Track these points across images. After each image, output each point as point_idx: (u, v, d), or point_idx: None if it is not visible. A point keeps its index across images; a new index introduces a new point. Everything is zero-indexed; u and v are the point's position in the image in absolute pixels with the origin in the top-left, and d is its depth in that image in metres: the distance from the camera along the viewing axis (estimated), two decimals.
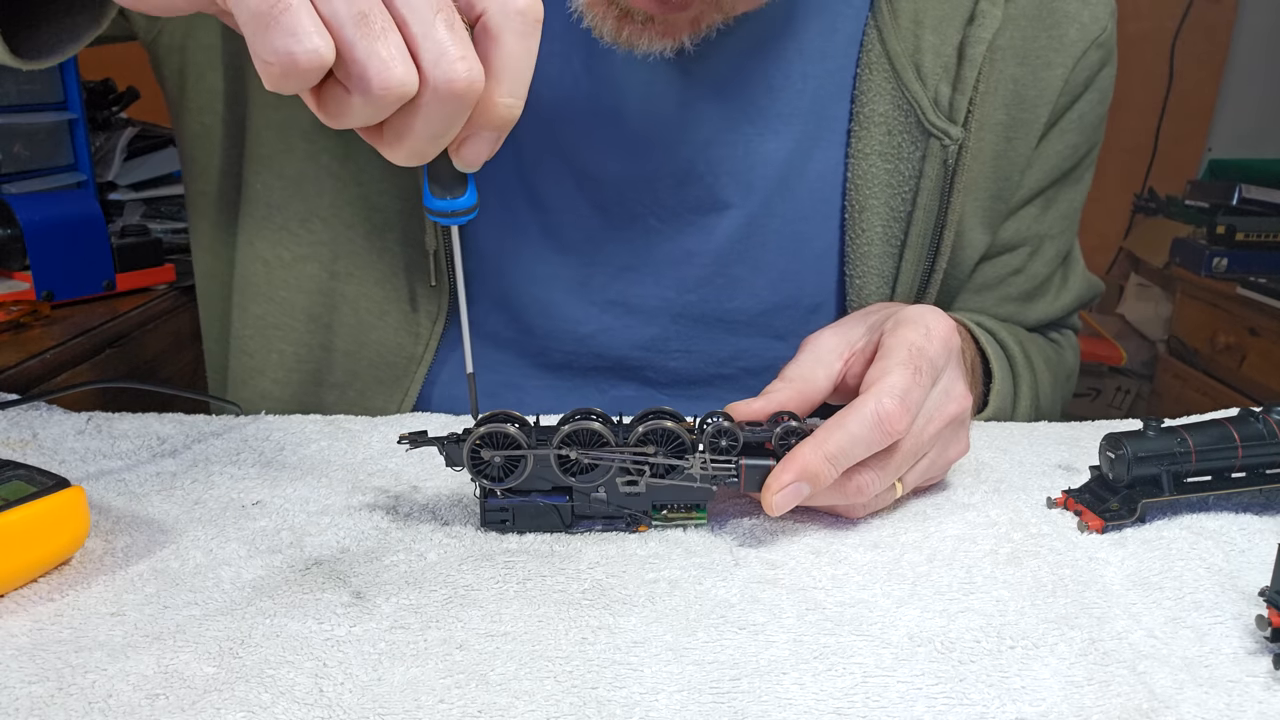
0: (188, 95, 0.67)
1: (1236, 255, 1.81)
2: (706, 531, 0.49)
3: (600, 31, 0.56)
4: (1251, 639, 0.40)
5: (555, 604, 0.42)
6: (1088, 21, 0.67)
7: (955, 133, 0.63)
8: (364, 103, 0.34)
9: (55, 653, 0.38)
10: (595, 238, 0.66)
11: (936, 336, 0.49)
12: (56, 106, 1.25)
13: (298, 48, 0.33)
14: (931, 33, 0.63)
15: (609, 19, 0.55)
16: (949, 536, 0.49)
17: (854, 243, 0.66)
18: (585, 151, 0.64)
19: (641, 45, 0.56)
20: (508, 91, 0.36)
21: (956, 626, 0.41)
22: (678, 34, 0.56)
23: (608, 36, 0.56)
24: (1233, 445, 0.49)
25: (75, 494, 0.43)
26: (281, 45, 0.33)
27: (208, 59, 0.65)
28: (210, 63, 0.65)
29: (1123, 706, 0.36)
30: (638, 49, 0.56)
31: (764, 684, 0.37)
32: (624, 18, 0.55)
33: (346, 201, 0.65)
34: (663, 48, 0.56)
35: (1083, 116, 0.70)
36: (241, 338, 0.70)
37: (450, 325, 0.67)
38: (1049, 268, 0.75)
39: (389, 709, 0.35)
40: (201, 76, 0.66)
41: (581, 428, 0.46)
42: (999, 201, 0.69)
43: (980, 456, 0.58)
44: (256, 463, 0.55)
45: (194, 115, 0.68)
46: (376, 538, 0.47)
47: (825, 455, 0.45)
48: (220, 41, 0.65)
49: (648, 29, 0.55)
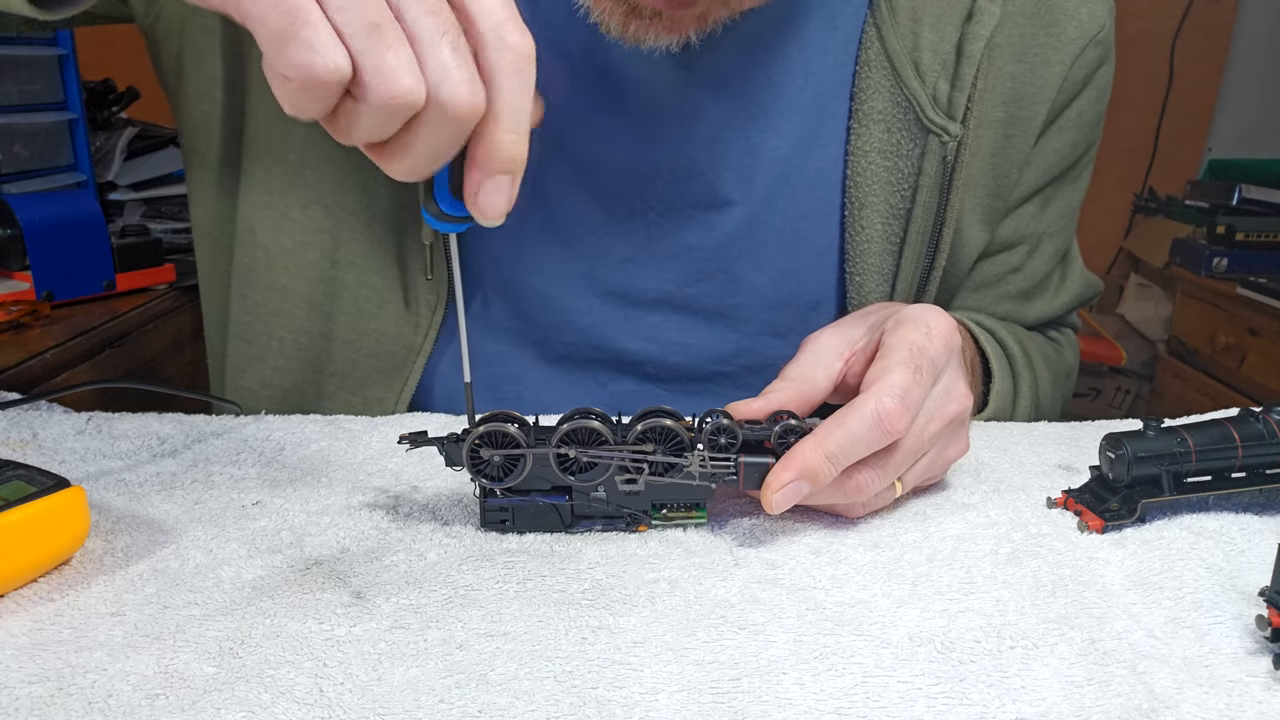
0: (186, 81, 0.67)
1: (1236, 255, 1.81)
2: (706, 531, 0.49)
3: (607, 27, 0.56)
4: (1251, 639, 0.40)
5: (555, 604, 0.42)
6: (1086, 20, 0.67)
7: (954, 129, 0.63)
8: (372, 113, 0.35)
9: (55, 653, 0.38)
10: (596, 230, 0.66)
11: (937, 336, 0.49)
12: (56, 106, 1.25)
13: (317, 60, 0.33)
14: (930, 30, 0.63)
15: (616, 14, 0.55)
16: (949, 536, 0.49)
17: (854, 240, 0.66)
18: (586, 144, 0.64)
19: (648, 41, 0.56)
20: (508, 128, 0.37)
21: (956, 626, 0.41)
22: (684, 29, 0.56)
23: (614, 32, 0.56)
24: (1233, 445, 0.49)
25: (75, 494, 0.43)
26: (302, 59, 0.33)
27: (207, 44, 0.65)
28: (209, 48, 0.65)
29: (1123, 706, 0.36)
30: (644, 44, 0.56)
31: (764, 684, 0.37)
32: (631, 13, 0.55)
33: (347, 189, 0.64)
34: (669, 43, 0.56)
35: (1081, 115, 0.70)
36: (241, 325, 0.69)
37: (449, 316, 0.67)
38: (1047, 266, 0.75)
39: (389, 709, 0.35)
40: (200, 62, 0.66)
41: (580, 426, 0.46)
42: (997, 199, 0.69)
43: (980, 456, 0.58)
44: (256, 463, 0.55)
45: (193, 102, 0.67)
46: (376, 538, 0.47)
47: (825, 454, 0.45)
48: (219, 26, 0.64)
49: (655, 25, 0.55)
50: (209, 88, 0.66)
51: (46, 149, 1.24)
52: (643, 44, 0.56)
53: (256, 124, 0.65)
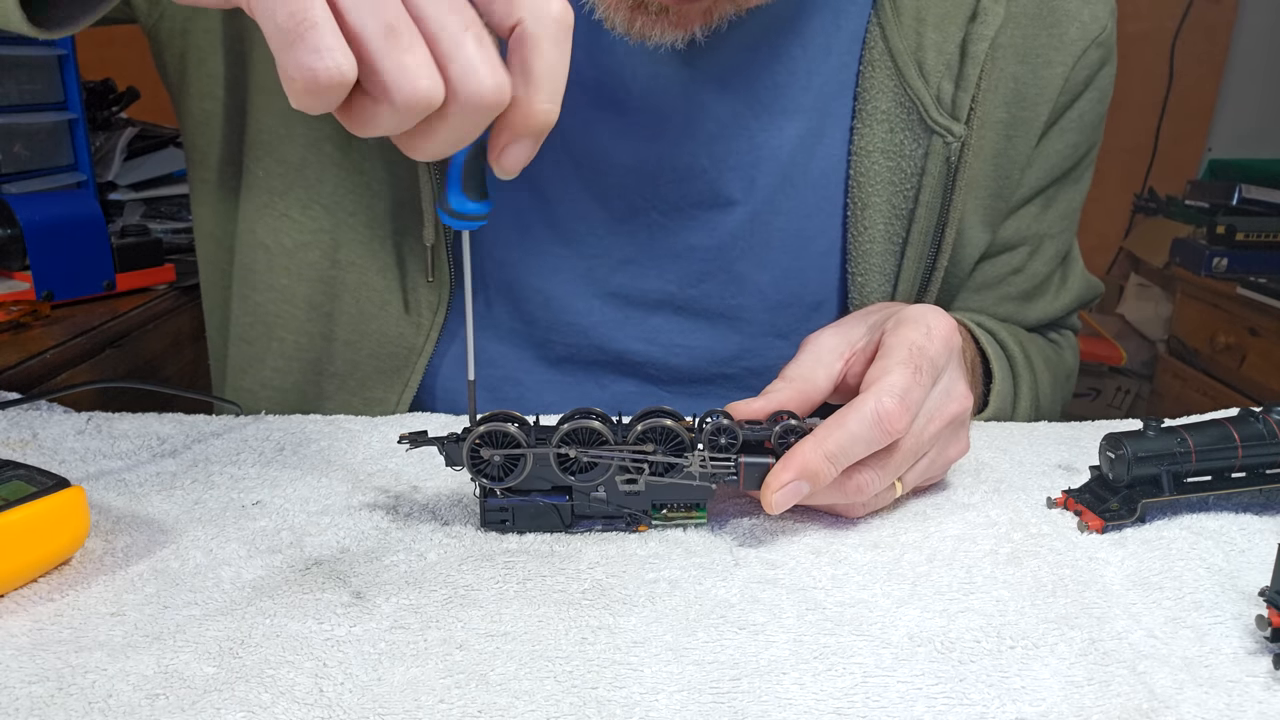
0: (188, 80, 0.67)
1: (1236, 255, 1.82)
2: (706, 531, 0.49)
3: (612, 23, 0.56)
4: (1251, 639, 0.40)
5: (555, 604, 0.42)
6: (1088, 20, 0.67)
7: (958, 130, 0.63)
8: (391, 112, 0.35)
9: (55, 653, 0.38)
10: (597, 230, 0.66)
11: (937, 336, 0.49)
12: (56, 106, 1.25)
13: (319, 64, 0.33)
14: (934, 30, 0.63)
15: (621, 10, 0.55)
16: (949, 536, 0.49)
17: (856, 240, 0.66)
18: (588, 143, 0.64)
19: (654, 37, 0.56)
20: (546, 98, 0.37)
21: (956, 626, 0.41)
22: (690, 25, 0.56)
23: (620, 28, 0.56)
24: (1233, 445, 0.49)
25: (75, 494, 0.43)
26: (305, 61, 0.33)
27: (209, 43, 0.65)
28: (211, 47, 0.65)
29: (1123, 706, 0.36)
30: (650, 41, 0.56)
31: (764, 684, 0.37)
32: (638, 9, 0.55)
33: (348, 190, 0.64)
34: (674, 39, 0.56)
35: (1083, 115, 0.70)
36: (242, 325, 0.69)
37: (450, 317, 0.67)
38: (1048, 267, 0.75)
39: (389, 709, 0.35)
40: (203, 61, 0.66)
41: (581, 426, 0.46)
42: (999, 200, 0.69)
43: (980, 456, 0.58)
44: (256, 463, 0.55)
45: (195, 101, 0.67)
46: (376, 538, 0.47)
47: (825, 454, 0.45)
48: (221, 26, 0.65)
49: (661, 20, 0.55)
50: (211, 86, 0.66)
51: (46, 149, 1.24)
52: (649, 40, 0.56)
53: (258, 123, 0.65)
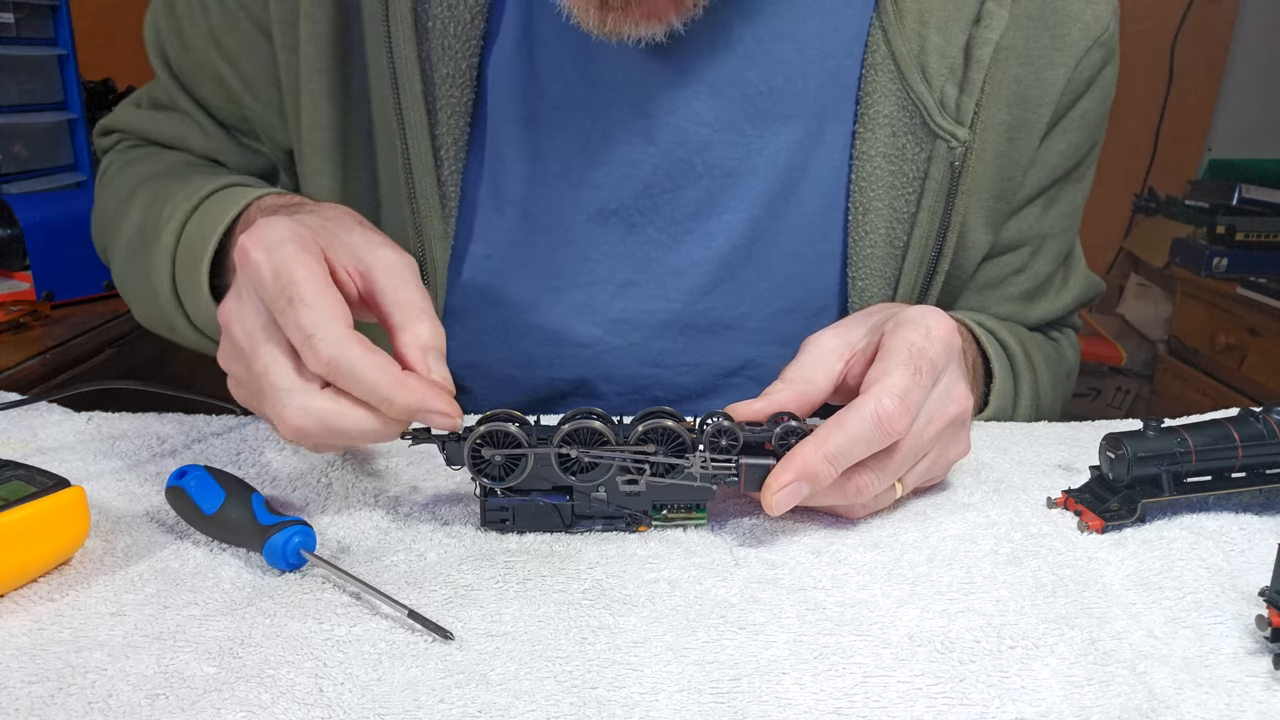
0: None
1: (1236, 255, 1.81)
2: (706, 531, 0.49)
3: (586, 24, 0.55)
4: (1251, 639, 0.40)
5: (555, 604, 0.42)
6: (1090, 21, 0.67)
7: (962, 134, 0.63)
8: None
9: (55, 653, 0.38)
10: (593, 255, 0.66)
11: (937, 337, 0.49)
12: (56, 106, 1.25)
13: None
14: (937, 33, 0.63)
15: (590, 8, 0.54)
16: (949, 536, 0.49)
17: (857, 245, 0.66)
18: (580, 161, 0.64)
19: (628, 32, 0.55)
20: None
21: (956, 626, 0.41)
22: (663, 15, 0.55)
23: (593, 28, 0.55)
24: (1233, 445, 0.49)
25: (75, 494, 0.43)
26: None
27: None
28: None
29: (1123, 706, 0.36)
30: (627, 37, 0.55)
31: (764, 684, 0.37)
32: (603, 5, 0.54)
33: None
34: (652, 32, 0.55)
35: (1085, 115, 0.70)
36: None
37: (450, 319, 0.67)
38: (1051, 267, 0.75)
39: (389, 709, 0.35)
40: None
41: (582, 426, 0.46)
42: (1001, 202, 0.69)
43: (980, 456, 0.58)
44: (256, 463, 0.55)
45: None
46: (376, 538, 0.47)
47: (825, 455, 0.45)
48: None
49: (629, 14, 0.54)
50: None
51: (46, 149, 1.24)
52: (626, 37, 0.55)
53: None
